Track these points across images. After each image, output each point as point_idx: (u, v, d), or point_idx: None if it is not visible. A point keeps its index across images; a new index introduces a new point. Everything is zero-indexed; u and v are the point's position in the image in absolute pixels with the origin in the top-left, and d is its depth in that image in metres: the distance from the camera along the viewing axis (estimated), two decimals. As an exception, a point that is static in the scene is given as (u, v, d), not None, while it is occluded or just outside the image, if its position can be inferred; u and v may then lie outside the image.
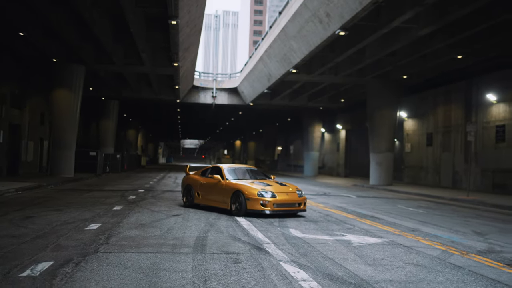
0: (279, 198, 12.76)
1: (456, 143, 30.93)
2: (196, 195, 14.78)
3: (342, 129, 50.32)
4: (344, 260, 7.76)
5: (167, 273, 6.52)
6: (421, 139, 35.10)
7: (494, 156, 27.13)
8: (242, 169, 15.01)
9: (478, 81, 28.70)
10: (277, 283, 6.19)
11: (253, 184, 13.20)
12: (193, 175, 15.45)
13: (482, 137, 28.04)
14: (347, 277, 6.63)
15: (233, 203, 13.11)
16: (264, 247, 8.58)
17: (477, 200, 20.98)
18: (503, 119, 26.57)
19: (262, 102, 45.53)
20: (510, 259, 8.44)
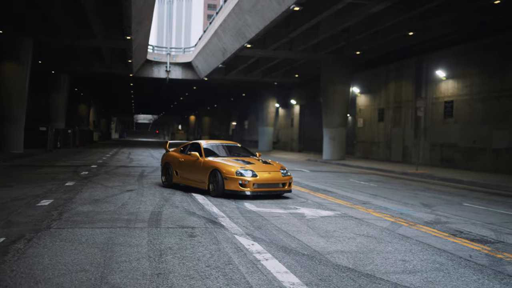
0: (261, 178, 11.57)
1: (406, 119, 31.67)
2: (174, 174, 13.57)
3: (296, 104, 50.67)
4: (298, 232, 7.93)
5: (122, 247, 6.52)
6: (373, 115, 35.76)
7: (442, 131, 27.95)
8: (224, 145, 13.89)
9: (428, 58, 29.35)
10: (232, 255, 6.29)
11: (232, 162, 12.03)
12: (172, 152, 14.29)
13: (431, 113, 28.81)
14: (301, 249, 6.79)
15: (211, 182, 11.99)
16: (219, 221, 8.67)
17: (425, 174, 21.65)
18: (451, 95, 27.33)
19: (217, 77, 45.30)
20: (455, 229, 8.81)
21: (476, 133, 25.17)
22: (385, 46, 30.02)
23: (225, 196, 11.78)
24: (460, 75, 26.65)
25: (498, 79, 23.90)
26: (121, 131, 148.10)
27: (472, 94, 25.76)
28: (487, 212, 11.21)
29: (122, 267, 5.61)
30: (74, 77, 48.75)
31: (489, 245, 7.57)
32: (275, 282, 5.20)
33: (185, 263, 5.85)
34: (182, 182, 13.35)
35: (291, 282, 5.21)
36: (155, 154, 34.18)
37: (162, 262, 5.87)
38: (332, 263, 6.09)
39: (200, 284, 5.06)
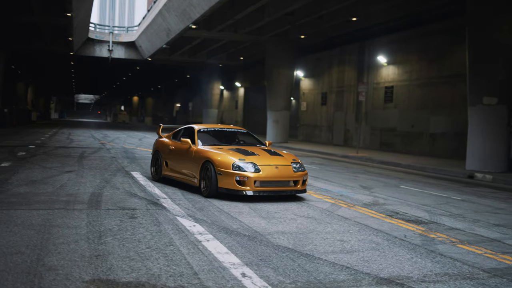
0: (265, 173, 9.16)
1: (348, 103, 32.27)
2: (164, 165, 11.23)
3: (241, 87, 50.69)
4: (239, 214, 8.00)
5: (60, 229, 6.39)
6: (316, 98, 36.23)
7: (382, 116, 28.67)
8: (225, 131, 11.39)
9: (370, 43, 29.92)
10: (173, 236, 6.28)
11: (230, 152, 9.60)
12: (163, 139, 11.89)
13: (372, 98, 29.47)
14: (242, 230, 6.85)
15: (202, 178, 9.58)
16: (161, 203, 8.62)
17: (365, 157, 22.19)
18: (391, 81, 28.03)
19: (161, 58, 44.66)
20: (392, 210, 9.11)
21: (415, 118, 25.96)
22: (329, 31, 30.38)
23: (218, 196, 9.36)
24: (401, 61, 27.34)
25: (437, 66, 24.67)
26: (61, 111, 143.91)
27: (411, 80, 26.50)
28: (422, 194, 11.63)
29: (59, 249, 5.50)
30: (11, 54, 46.87)
31: (423, 225, 7.87)
32: (216, 263, 5.24)
33: (125, 244, 5.80)
34: (172, 175, 10.91)
35: (231, 263, 5.26)
36: (96, 135, 33.47)
37: (102, 243, 5.80)
38: (272, 244, 6.18)
39: (140, 265, 5.03)
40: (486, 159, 17.11)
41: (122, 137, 32.77)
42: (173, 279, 4.65)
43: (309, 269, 5.22)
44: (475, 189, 13.27)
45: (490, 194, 12.52)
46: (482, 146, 17.24)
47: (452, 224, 8.09)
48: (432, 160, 21.50)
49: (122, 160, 16.06)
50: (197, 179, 9.76)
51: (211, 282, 4.63)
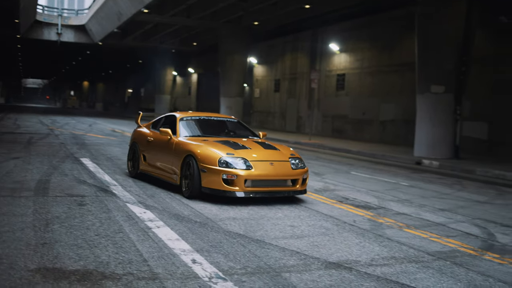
0: (258, 172, 7.82)
1: (301, 90, 32.50)
2: (141, 159, 9.79)
3: (194, 73, 50.28)
4: (191, 200, 7.96)
5: (6, 217, 6.21)
6: (270, 85, 36.33)
7: (334, 103, 29.02)
8: (212, 120, 9.87)
9: (323, 31, 30.15)
10: (123, 223, 6.20)
11: (215, 145, 8.23)
12: (142, 128, 10.48)
13: (325, 85, 29.76)
14: (193, 216, 6.83)
15: (184, 176, 8.28)
16: (111, 189, 8.49)
17: (317, 143, 22.45)
18: (343, 69, 28.37)
19: (112, 42, 43.72)
20: (342, 196, 9.26)
21: (365, 106, 26.39)
22: (283, 18, 30.41)
23: (202, 197, 8.01)
24: (353, 49, 27.68)
25: (387, 55, 25.10)
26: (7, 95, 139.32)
27: (363, 68, 26.89)
28: (371, 180, 11.87)
29: (4, 237, 5.35)
30: (-47, 36, 44.98)
31: (372, 210, 8.04)
32: (166, 249, 5.21)
33: (73, 232, 5.69)
34: (150, 171, 9.49)
35: (182, 249, 5.24)
36: (44, 121, 32.58)
37: (48, 231, 5.66)
38: (223, 230, 6.18)
39: (88, 253, 4.95)
40: (434, 146, 17.57)
41: (72, 122, 32.04)
42: (122, 267, 4.59)
43: (260, 254, 5.25)
44: (423, 175, 13.64)
45: (437, 180, 12.89)
46: (429, 133, 17.69)
47: (400, 209, 8.30)
48: (382, 146, 21.95)
49: (71, 146, 15.71)
50: (178, 177, 8.39)
51: (160, 269, 4.60)
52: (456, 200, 9.77)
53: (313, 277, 4.63)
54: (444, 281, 4.79)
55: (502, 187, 12.12)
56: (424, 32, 17.94)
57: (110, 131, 24.95)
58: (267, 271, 4.74)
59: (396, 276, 4.83)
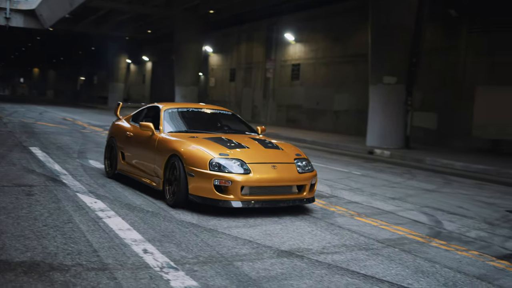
0: (258, 176, 6.54)
1: (256, 80, 32.54)
2: (119, 157, 8.55)
3: (149, 61, 49.62)
4: (145, 190, 7.86)
5: None
6: (225, 74, 36.23)
7: (289, 93, 29.19)
8: (200, 112, 8.54)
9: (278, 21, 30.21)
10: (73, 214, 6.08)
11: (206, 143, 6.94)
12: (121, 122, 9.19)
13: (280, 75, 29.89)
14: (145, 206, 6.76)
15: (168, 180, 7.01)
16: (61, 179, 8.30)
17: (272, 133, 22.54)
18: (298, 59, 28.54)
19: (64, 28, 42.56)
20: (295, 185, 9.32)
21: (320, 96, 26.66)
22: (239, 7, 30.28)
23: (189, 206, 6.73)
24: (307, 39, 27.86)
25: (341, 45, 25.38)
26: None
27: (317, 58, 27.12)
28: (325, 169, 12.01)
29: None
30: None
31: (324, 199, 8.14)
32: (117, 240, 5.13)
33: (20, 223, 5.53)
34: (129, 172, 8.24)
35: (133, 239, 5.17)
36: (-8, 108, 31.56)
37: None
38: (176, 219, 6.14)
39: (36, 244, 4.83)
40: (385, 135, 17.92)
41: (21, 111, 31.12)
42: (70, 258, 4.50)
43: (212, 243, 5.24)
44: (374, 164, 13.90)
45: (388, 169, 13.17)
46: (381, 124, 18.02)
47: (351, 198, 8.44)
48: (335, 136, 22.23)
49: (20, 135, 15.26)
50: (160, 180, 7.12)
51: (111, 259, 4.54)
52: (405, 188, 10.00)
53: (265, 266, 4.66)
54: (393, 267, 4.90)
55: (449, 176, 12.48)
56: (377, 23, 18.22)
57: (61, 120, 24.38)
58: (219, 260, 4.74)
59: (347, 263, 4.91)
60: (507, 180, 12.17)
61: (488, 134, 18.00)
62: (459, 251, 5.66)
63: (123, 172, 8.45)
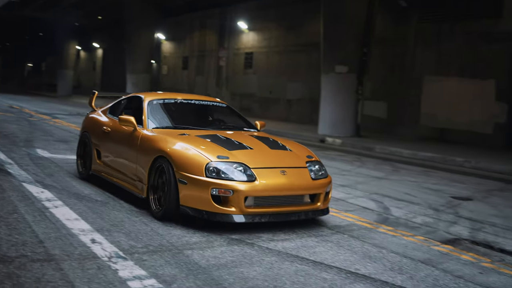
0: (265, 184, 5.48)
1: (209, 68, 32.36)
2: (94, 155, 7.42)
3: (99, 48, 48.59)
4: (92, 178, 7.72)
5: None
6: (178, 62, 35.87)
7: (242, 82, 29.18)
8: (191, 104, 7.30)
9: (232, 9, 30.07)
10: (18, 204, 5.91)
11: (201, 143, 5.89)
12: (97, 114, 7.96)
13: (233, 63, 29.81)
14: (94, 195, 6.65)
15: (152, 187, 5.92)
16: (6, 168, 8.04)
17: (225, 121, 22.48)
18: (251, 47, 28.52)
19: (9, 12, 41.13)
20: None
21: (273, 84, 26.75)
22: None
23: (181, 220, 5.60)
24: (260, 28, 27.87)
25: (293, 34, 25.49)
26: None
27: (270, 47, 27.17)
28: (277, 157, 12.05)
29: None
30: None
31: (276, 187, 8.17)
32: (64, 230, 5.03)
33: (-38, 213, 5.35)
34: (106, 174, 7.12)
35: (81, 229, 5.08)
36: None
37: None
38: (126, 209, 6.07)
39: (-22, 235, 4.68)
40: (336, 124, 18.15)
41: (-36, 98, 30.01)
42: (15, 249, 4.38)
43: (162, 232, 5.21)
44: (326, 152, 14.07)
45: (339, 157, 13.36)
46: (333, 112, 18.25)
47: (303, 186, 8.51)
48: (288, 125, 22.38)
49: (-37, 123, 14.72)
50: (144, 186, 6.00)
51: (57, 250, 4.44)
52: (355, 176, 10.18)
53: (215, 254, 4.66)
54: (341, 253, 4.99)
55: (398, 163, 12.77)
56: (329, 13, 18.37)
57: (8, 107, 23.61)
58: (169, 249, 4.71)
59: (297, 250, 4.96)
60: (453, 168, 12.55)
61: (436, 123, 18.50)
62: (406, 236, 5.81)
63: (98, 173, 7.29)
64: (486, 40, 16.80)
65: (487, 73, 16.80)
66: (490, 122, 16.78)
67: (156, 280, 3.93)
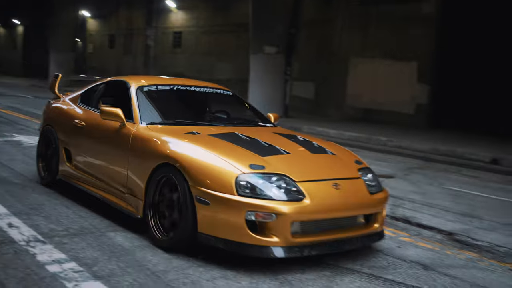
0: (317, 203, 4.06)
1: (137, 47, 31.65)
2: (63, 156, 5.88)
3: (20, 25, 46.38)
4: (11, 161, 7.42)
5: None
6: (104, 41, 34.85)
7: (170, 61, 28.76)
8: (188, 92, 5.75)
9: (159, -14, 29.47)
10: None
11: (223, 145, 4.49)
12: (63, 103, 6.35)
13: (162, 42, 29.30)
14: (13, 178, 6.39)
15: (155, 203, 4.45)
16: None
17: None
18: (180, 26, 28.13)
19: None
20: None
21: (201, 64, 26.53)
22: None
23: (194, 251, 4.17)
24: (189, 7, 27.50)
25: (222, 14, 25.32)
26: None
27: (198, 26, 26.90)
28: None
29: None
30: None
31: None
32: (-22, 214, 4.80)
33: None
34: (80, 181, 5.59)
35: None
36: None
37: None
38: (46, 192, 5.86)
39: None
40: (265, 105, 18.17)
41: None
42: None
43: (85, 215, 5.08)
44: (254, 133, 14.13)
45: (267, 137, 13.44)
46: (261, 93, 18.32)
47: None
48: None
49: None
50: (141, 203, 4.54)
51: (-30, 235, 4.24)
52: (283, 156, 10.28)
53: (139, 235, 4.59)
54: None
55: (325, 143, 13.01)
56: (258, -7, 18.36)
57: None
58: (92, 231, 4.60)
59: None
60: (377, 147, 12.96)
61: (361, 104, 18.98)
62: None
63: (68, 179, 5.77)
64: (410, 23, 17.31)
65: (410, 55, 17.35)
66: (413, 103, 17.39)
67: (77, 263, 3.83)
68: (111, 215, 5.10)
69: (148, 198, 4.45)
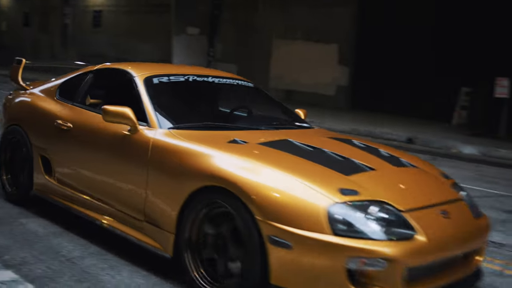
0: (431, 238, 2.96)
1: (54, 25, 30.40)
2: (39, 167, 4.51)
3: None
4: None
5: None
6: (18, 18, 33.26)
7: (90, 41, 27.83)
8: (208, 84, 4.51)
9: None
10: None
11: (289, 160, 3.32)
12: (33, 95, 4.99)
13: (81, 21, 28.28)
14: None
15: (191, 243, 3.26)
16: None
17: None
18: (100, 5, 27.24)
19: None
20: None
21: (123, 45, 25.87)
22: None
23: None
24: (109, -15, 26.68)
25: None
26: None
27: (119, 6, 26.17)
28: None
29: None
30: None
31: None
32: None
33: None
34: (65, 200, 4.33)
35: None
36: None
37: None
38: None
39: None
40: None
41: None
42: None
43: None
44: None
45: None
46: (185, 74, 18.18)
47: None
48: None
49: None
50: (171, 237, 3.36)
51: None
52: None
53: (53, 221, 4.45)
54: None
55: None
56: (180, -28, 18.08)
57: None
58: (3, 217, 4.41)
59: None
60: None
61: (283, 85, 19.21)
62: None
63: (48, 195, 4.50)
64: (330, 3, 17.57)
65: (331, 37, 17.70)
66: (333, 84, 17.81)
67: (-14, 252, 3.66)
68: (23, 202, 4.91)
69: (183, 231, 3.26)
